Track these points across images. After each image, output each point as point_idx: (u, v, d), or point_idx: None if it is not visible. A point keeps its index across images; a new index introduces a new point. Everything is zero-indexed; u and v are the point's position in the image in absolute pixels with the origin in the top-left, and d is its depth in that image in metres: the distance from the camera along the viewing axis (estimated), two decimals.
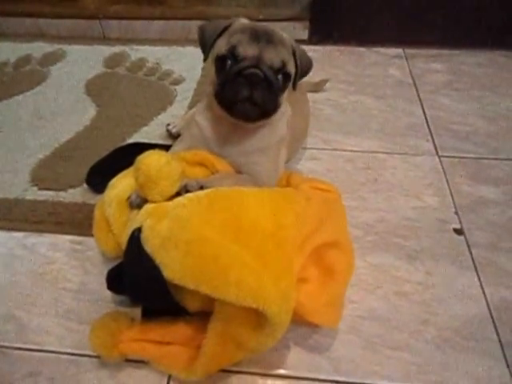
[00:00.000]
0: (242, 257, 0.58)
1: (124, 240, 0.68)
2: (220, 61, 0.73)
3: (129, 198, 0.71)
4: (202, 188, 0.68)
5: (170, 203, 0.64)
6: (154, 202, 0.66)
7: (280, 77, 0.73)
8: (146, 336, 0.66)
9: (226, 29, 0.75)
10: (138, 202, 0.69)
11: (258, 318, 0.58)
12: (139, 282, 0.61)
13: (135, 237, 0.61)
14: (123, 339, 0.66)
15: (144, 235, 0.61)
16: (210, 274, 0.56)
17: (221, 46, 0.73)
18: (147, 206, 0.65)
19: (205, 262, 0.57)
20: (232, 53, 0.71)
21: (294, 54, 0.75)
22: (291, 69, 0.75)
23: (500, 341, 0.69)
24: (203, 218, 0.60)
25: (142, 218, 0.64)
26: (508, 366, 0.66)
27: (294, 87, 0.78)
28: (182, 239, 0.58)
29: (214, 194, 0.63)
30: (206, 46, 0.77)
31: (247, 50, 0.70)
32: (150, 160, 0.65)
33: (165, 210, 0.62)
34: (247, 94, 0.70)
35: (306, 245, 0.65)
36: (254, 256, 0.58)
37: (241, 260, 0.57)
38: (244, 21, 0.76)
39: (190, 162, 0.77)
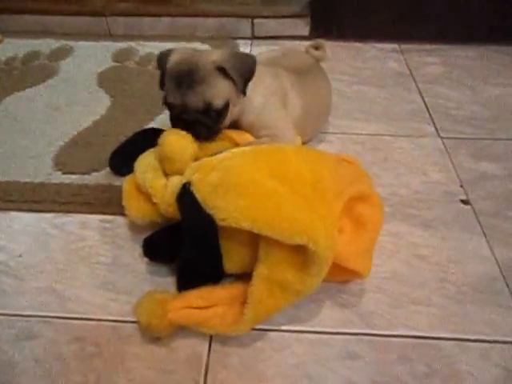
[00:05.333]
0: (291, 196, 0.62)
1: (167, 198, 0.71)
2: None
3: None
4: None
5: (215, 159, 0.68)
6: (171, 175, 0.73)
7: (213, 112, 0.79)
8: (192, 303, 0.67)
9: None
10: None
11: (302, 260, 0.61)
12: (194, 230, 0.65)
13: (187, 188, 0.65)
14: (170, 308, 0.66)
15: (194, 187, 0.65)
16: (264, 211, 0.60)
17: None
18: (191, 164, 0.71)
19: (257, 200, 0.61)
20: (165, 101, 0.81)
21: (223, 70, 0.78)
22: (219, 101, 0.78)
23: (511, 292, 0.76)
24: (250, 166, 0.65)
25: (188, 174, 0.69)
26: None
27: (244, 93, 0.81)
28: (232, 183, 0.62)
29: (257, 148, 0.68)
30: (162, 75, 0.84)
31: (173, 100, 0.80)
32: (168, 140, 0.74)
33: (210, 164, 0.67)
34: (188, 131, 0.78)
35: (343, 195, 0.70)
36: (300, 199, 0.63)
37: (291, 198, 0.61)
38: (177, 55, 0.81)
39: None
